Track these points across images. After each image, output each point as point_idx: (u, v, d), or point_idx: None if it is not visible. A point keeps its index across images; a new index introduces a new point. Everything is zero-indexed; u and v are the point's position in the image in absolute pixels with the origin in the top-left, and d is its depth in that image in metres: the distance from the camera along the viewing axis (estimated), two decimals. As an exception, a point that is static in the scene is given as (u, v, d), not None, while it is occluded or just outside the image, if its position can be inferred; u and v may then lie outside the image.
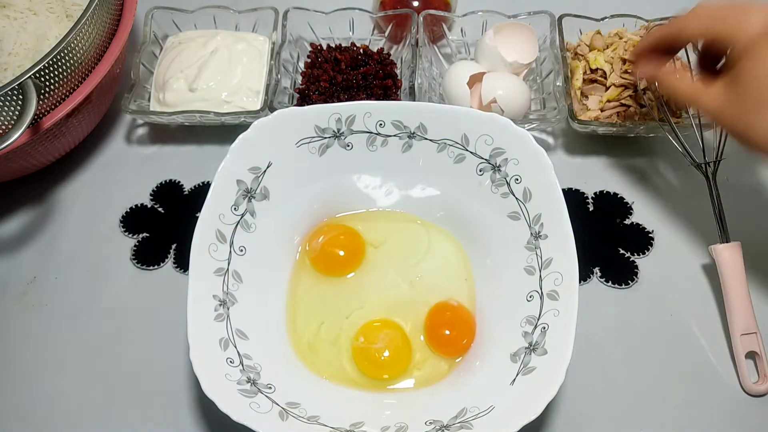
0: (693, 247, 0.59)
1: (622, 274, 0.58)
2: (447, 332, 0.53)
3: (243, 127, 0.53)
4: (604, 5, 0.67)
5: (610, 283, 0.58)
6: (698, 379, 0.53)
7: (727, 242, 0.55)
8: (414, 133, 0.54)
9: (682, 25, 0.44)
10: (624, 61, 0.62)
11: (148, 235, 0.62)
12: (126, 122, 0.69)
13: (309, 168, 0.55)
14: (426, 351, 0.52)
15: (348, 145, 0.55)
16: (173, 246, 0.61)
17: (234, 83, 0.64)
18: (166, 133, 0.68)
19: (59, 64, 0.54)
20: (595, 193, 0.62)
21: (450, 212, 0.56)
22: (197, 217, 0.50)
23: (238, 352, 0.48)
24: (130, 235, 0.61)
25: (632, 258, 0.59)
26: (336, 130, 0.54)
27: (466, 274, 0.55)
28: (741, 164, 0.62)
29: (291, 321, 0.53)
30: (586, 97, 0.63)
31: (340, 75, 0.65)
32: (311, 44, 0.69)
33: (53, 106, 0.56)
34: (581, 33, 0.67)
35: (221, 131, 0.66)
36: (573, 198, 0.62)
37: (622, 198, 0.62)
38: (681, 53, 0.52)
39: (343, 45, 0.68)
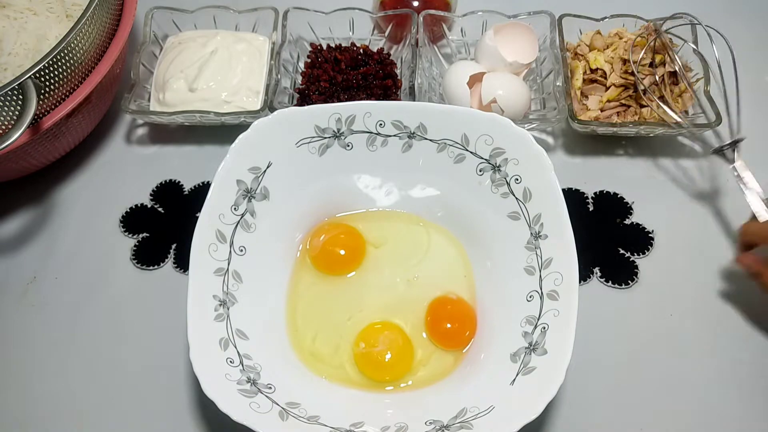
0: (693, 247, 0.59)
1: (622, 274, 0.58)
2: (449, 325, 0.53)
3: (243, 127, 0.53)
4: (604, 5, 0.67)
5: (610, 283, 0.58)
6: (698, 379, 0.53)
7: None
8: (414, 133, 0.54)
9: (743, 238, 0.55)
10: (624, 61, 0.62)
11: (148, 235, 0.62)
12: (126, 122, 0.69)
13: (309, 168, 0.55)
14: (430, 347, 0.52)
15: (348, 145, 0.55)
16: (173, 246, 0.61)
17: (234, 83, 0.64)
18: (166, 133, 0.68)
19: (59, 64, 0.54)
20: (595, 193, 0.62)
21: (450, 212, 0.56)
22: (197, 217, 0.50)
23: (238, 352, 0.48)
24: (130, 235, 0.61)
25: (632, 258, 0.59)
26: (336, 130, 0.54)
27: (466, 272, 0.55)
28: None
29: (291, 321, 0.53)
30: (586, 97, 0.63)
31: (340, 75, 0.65)
32: (311, 44, 0.69)
33: (53, 106, 0.56)
34: (581, 33, 0.67)
35: (221, 131, 0.66)
36: (573, 198, 0.62)
37: (622, 198, 0.62)
38: None
39: (343, 45, 0.68)
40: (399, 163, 0.55)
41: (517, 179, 0.52)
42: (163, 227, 0.62)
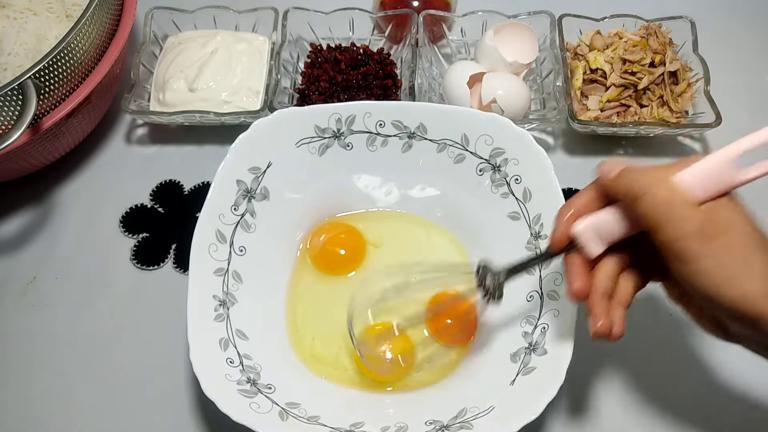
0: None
1: (622, 274, 0.58)
2: (449, 320, 0.53)
3: (243, 127, 0.53)
4: (604, 5, 0.67)
5: (610, 283, 0.58)
6: (698, 379, 0.53)
7: None
8: (414, 133, 0.54)
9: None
10: (624, 61, 0.62)
11: (148, 235, 0.62)
12: (126, 122, 0.69)
13: (309, 168, 0.55)
14: (432, 344, 0.52)
15: (348, 145, 0.55)
16: (173, 246, 0.61)
17: (234, 83, 0.64)
18: (166, 133, 0.68)
19: (59, 64, 0.54)
20: (595, 193, 0.62)
21: (450, 212, 0.56)
22: (197, 217, 0.50)
23: (238, 353, 0.48)
24: (130, 235, 0.61)
25: (632, 258, 0.59)
26: (336, 130, 0.54)
27: (466, 272, 0.55)
28: None
29: (291, 321, 0.53)
30: (586, 97, 0.63)
31: (340, 75, 0.65)
32: (311, 44, 0.69)
33: (53, 106, 0.56)
34: (581, 33, 0.67)
35: (221, 131, 0.66)
36: (573, 198, 0.62)
37: (622, 198, 0.62)
38: None
39: (343, 45, 0.68)
40: (399, 163, 0.55)
41: (517, 179, 0.52)
42: (163, 227, 0.62)
